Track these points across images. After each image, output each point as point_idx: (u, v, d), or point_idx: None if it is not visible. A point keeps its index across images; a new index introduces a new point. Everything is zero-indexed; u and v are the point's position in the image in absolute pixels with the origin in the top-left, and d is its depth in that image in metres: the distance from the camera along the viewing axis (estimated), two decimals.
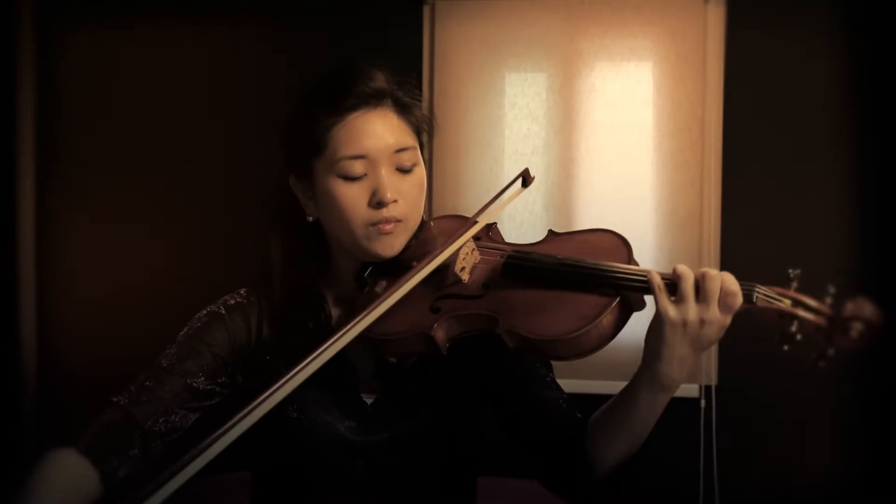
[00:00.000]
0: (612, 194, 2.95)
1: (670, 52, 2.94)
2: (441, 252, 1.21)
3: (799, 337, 1.05)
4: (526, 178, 1.34)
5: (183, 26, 3.22)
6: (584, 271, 1.16)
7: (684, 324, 1.09)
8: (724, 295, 1.08)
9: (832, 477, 2.84)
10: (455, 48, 3.04)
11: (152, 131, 3.22)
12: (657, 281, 1.10)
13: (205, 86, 3.20)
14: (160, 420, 1.23)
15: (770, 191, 2.89)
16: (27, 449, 3.22)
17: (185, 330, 1.31)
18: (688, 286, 1.09)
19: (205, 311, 1.33)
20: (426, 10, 3.04)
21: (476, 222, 1.29)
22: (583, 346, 1.14)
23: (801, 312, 1.06)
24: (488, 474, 1.49)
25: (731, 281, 1.08)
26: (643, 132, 2.95)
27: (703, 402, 2.87)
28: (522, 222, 2.98)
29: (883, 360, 2.77)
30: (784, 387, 2.84)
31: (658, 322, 1.11)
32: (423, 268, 1.19)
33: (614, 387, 1.24)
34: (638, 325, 1.21)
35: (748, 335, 1.38)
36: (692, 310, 1.08)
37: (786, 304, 1.06)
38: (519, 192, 1.34)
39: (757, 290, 1.08)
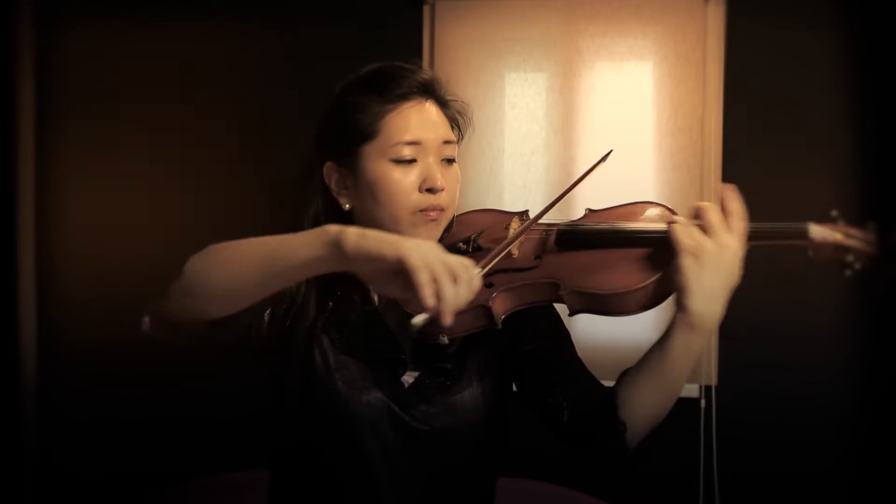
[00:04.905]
0: (612, 194, 2.94)
1: (670, 51, 2.94)
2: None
3: (857, 265, 1.13)
4: (607, 156, 1.43)
5: (183, 25, 3.23)
6: (639, 229, 1.24)
7: (699, 251, 1.14)
8: (728, 217, 1.15)
9: (832, 477, 2.84)
10: (455, 48, 3.03)
11: (152, 130, 3.22)
12: (676, 219, 1.18)
13: (205, 85, 3.20)
14: None
15: (770, 191, 2.89)
16: (26, 434, 3.22)
17: None
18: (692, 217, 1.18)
19: None
20: (426, 10, 3.04)
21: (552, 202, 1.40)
22: (649, 299, 1.19)
23: (854, 243, 1.14)
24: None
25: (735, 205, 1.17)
26: (643, 132, 2.95)
27: (703, 402, 2.87)
28: None
29: (882, 359, 2.77)
30: (784, 387, 2.84)
31: (678, 257, 1.15)
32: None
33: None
34: (635, 325, 1.21)
35: (748, 335, 1.39)
36: (703, 238, 1.15)
37: (838, 237, 1.15)
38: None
39: (811, 226, 1.17)
